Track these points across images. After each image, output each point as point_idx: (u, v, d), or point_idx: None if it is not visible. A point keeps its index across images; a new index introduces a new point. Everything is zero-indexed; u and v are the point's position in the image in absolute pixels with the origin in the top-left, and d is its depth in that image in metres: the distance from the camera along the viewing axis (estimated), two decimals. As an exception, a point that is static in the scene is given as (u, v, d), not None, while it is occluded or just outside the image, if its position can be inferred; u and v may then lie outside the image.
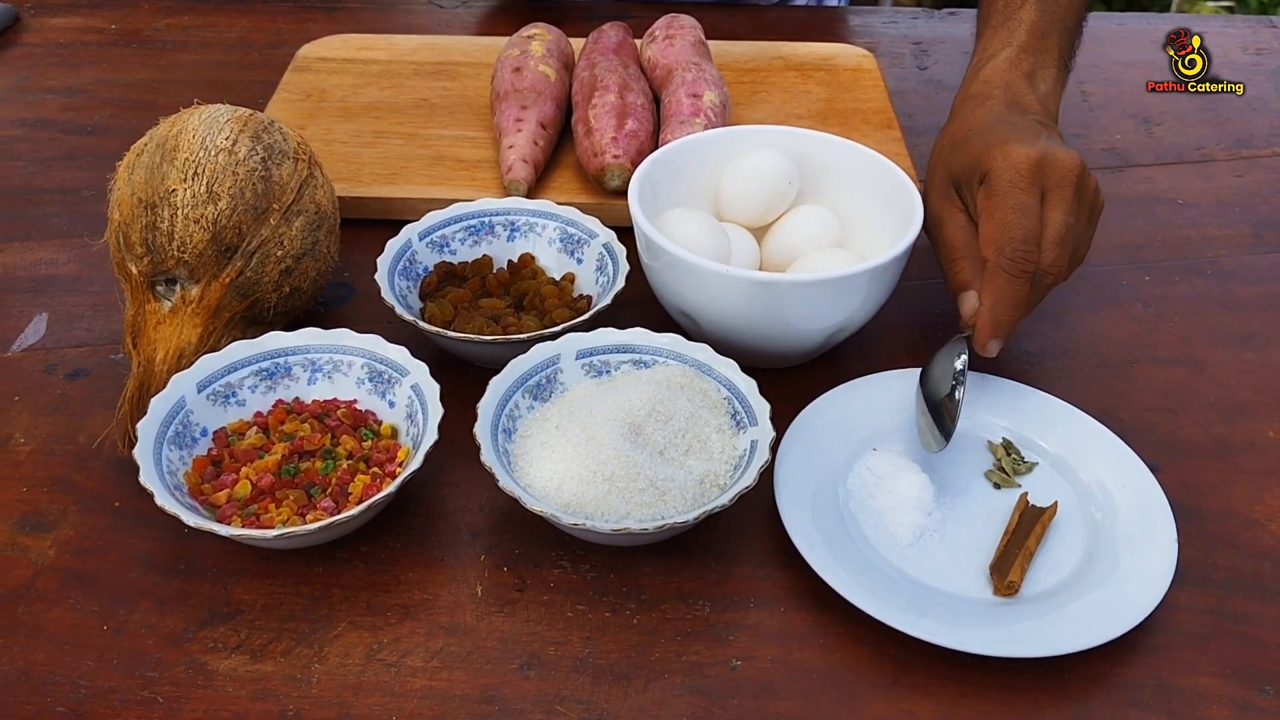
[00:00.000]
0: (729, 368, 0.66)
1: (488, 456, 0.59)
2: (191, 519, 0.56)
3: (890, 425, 0.68)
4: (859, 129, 0.94)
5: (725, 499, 0.58)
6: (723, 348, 0.67)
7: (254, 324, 0.70)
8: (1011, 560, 0.60)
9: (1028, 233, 0.64)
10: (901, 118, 0.97)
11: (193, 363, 0.66)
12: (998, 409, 0.69)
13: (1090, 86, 1.08)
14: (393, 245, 0.75)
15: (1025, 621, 0.58)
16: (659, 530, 0.57)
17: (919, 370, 0.71)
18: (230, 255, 0.68)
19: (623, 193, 0.84)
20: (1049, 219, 0.65)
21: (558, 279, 0.77)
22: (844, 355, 0.75)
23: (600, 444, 0.60)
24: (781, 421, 0.65)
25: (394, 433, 0.66)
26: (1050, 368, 0.75)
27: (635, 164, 0.83)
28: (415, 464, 0.59)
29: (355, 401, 0.67)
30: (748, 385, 0.64)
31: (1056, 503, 0.64)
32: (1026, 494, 0.64)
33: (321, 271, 0.72)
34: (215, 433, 0.65)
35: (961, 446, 0.68)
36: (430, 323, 0.71)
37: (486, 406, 0.63)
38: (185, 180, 0.67)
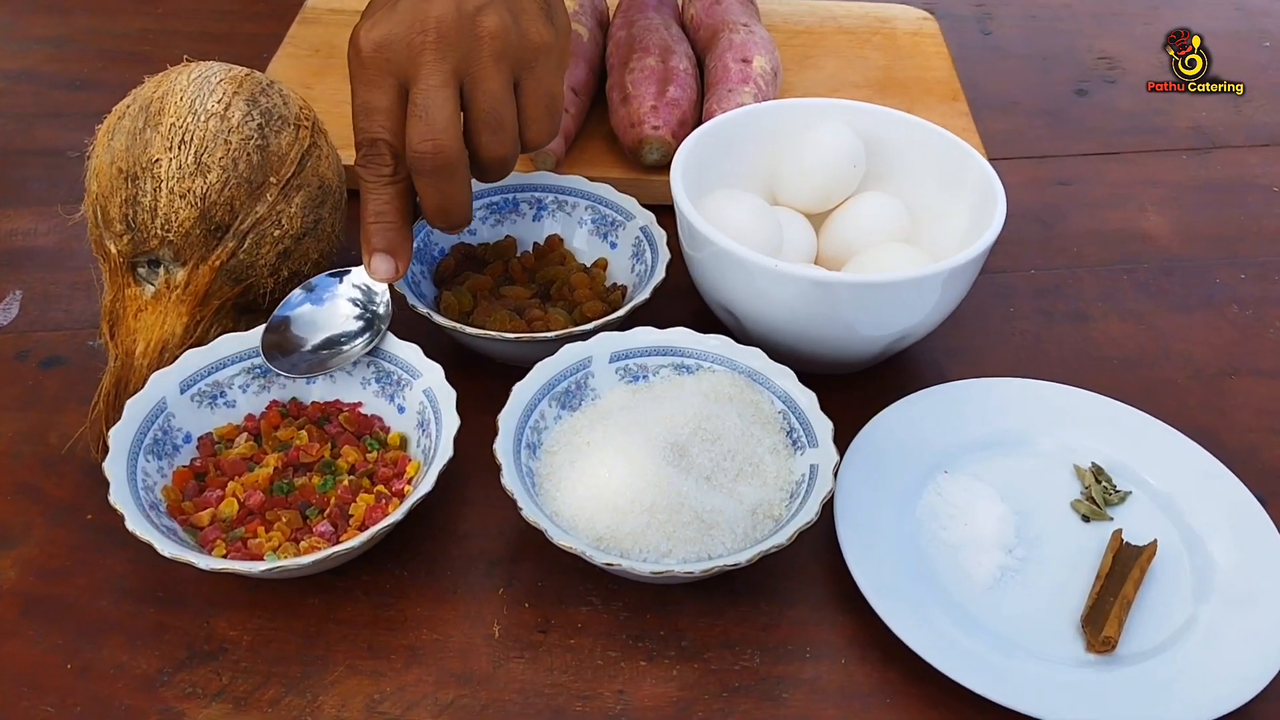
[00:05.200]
0: (785, 377, 0.58)
1: (509, 480, 0.52)
2: (167, 547, 0.49)
3: (964, 443, 0.60)
4: (921, 101, 0.85)
5: (783, 538, 0.50)
6: (770, 351, 0.60)
7: (247, 312, 0.62)
8: (1106, 611, 0.53)
9: (365, 135, 0.56)
10: (964, 88, 0.88)
11: (177, 357, 0.58)
12: (1085, 428, 0.61)
13: (1171, 57, 0.98)
14: (406, 226, 0.67)
15: (1123, 686, 0.50)
16: (706, 573, 0.49)
17: (995, 380, 0.63)
18: (221, 235, 0.60)
19: (661, 167, 0.76)
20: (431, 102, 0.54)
21: (588, 265, 0.69)
22: (909, 361, 0.67)
23: (639, 468, 0.52)
24: (839, 438, 0.56)
25: (403, 443, 0.58)
26: (1137, 379, 0.67)
27: (676, 136, 0.75)
28: (426, 486, 0.52)
29: (360, 405, 0.60)
30: (807, 400, 0.57)
31: (1155, 541, 0.56)
32: (1120, 531, 0.56)
33: (324, 253, 0.64)
34: (200, 439, 0.57)
35: (1045, 471, 0.60)
36: (446, 314, 0.64)
37: (508, 418, 0.55)
38: (170, 149, 0.59)
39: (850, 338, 0.61)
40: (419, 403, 0.57)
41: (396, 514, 0.51)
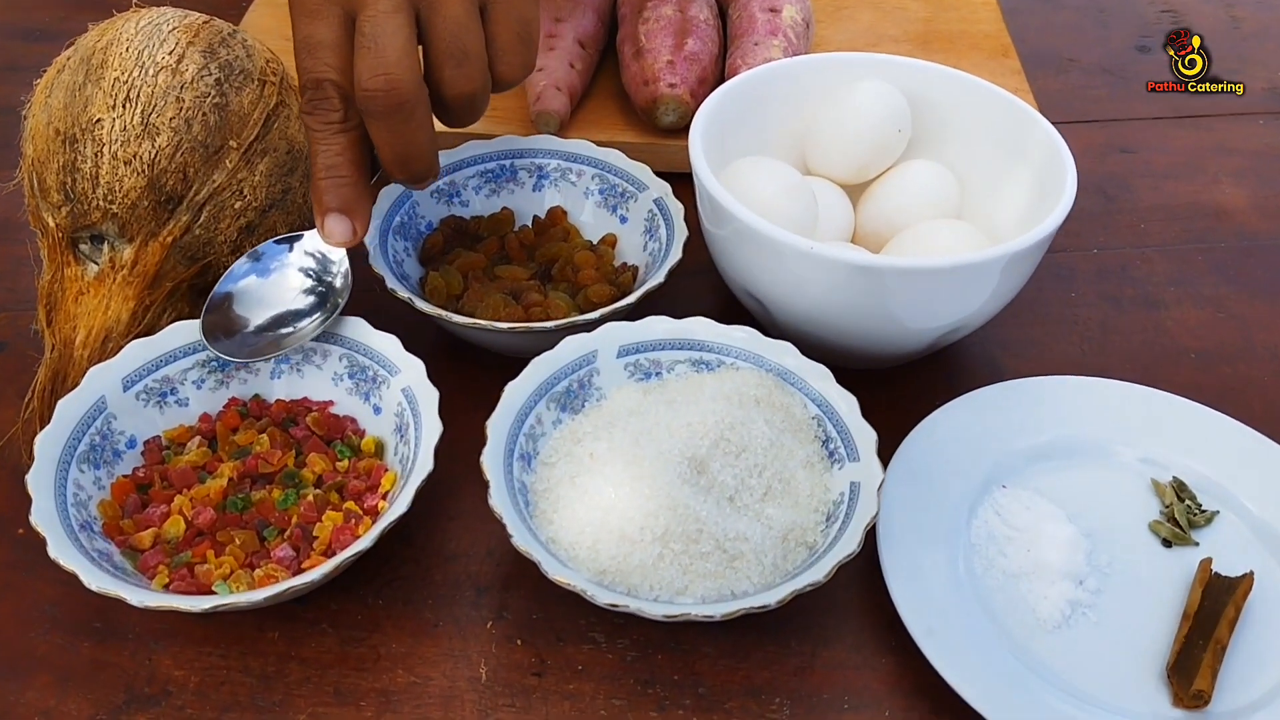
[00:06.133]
0: (820, 377, 0.50)
1: (498, 501, 0.44)
2: (95, 578, 0.42)
3: (1023, 452, 0.53)
4: (968, 57, 0.77)
5: (819, 574, 0.42)
6: (801, 343, 0.52)
7: (205, 295, 0.55)
8: (1197, 658, 0.45)
9: (309, 76, 0.48)
10: (1015, 43, 0.80)
11: (122, 347, 0.51)
12: (1163, 435, 0.54)
13: (1242, 10, 0.89)
14: (388, 194, 0.59)
15: (1219, 748, 0.43)
16: (729, 616, 0.42)
17: (1057, 378, 0.55)
18: (173, 207, 0.52)
19: (678, 130, 0.67)
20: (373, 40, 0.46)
21: (595, 242, 0.61)
22: (958, 355, 0.59)
23: (650, 488, 0.44)
24: (880, 447, 0.49)
25: (378, 449, 0.50)
26: (1218, 376, 0.59)
27: (695, 95, 0.66)
28: (401, 507, 0.44)
29: (331, 404, 0.52)
30: (847, 405, 0.49)
31: (1251, 574, 0.48)
32: (1210, 560, 0.49)
33: (294, 228, 0.56)
34: (146, 443, 0.50)
35: (1118, 486, 0.52)
36: (432, 298, 0.56)
37: (499, 425, 0.47)
38: (114, 107, 0.51)
39: (895, 330, 0.53)
40: (397, 403, 0.50)
41: (364, 540, 0.43)
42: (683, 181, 0.59)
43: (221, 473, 0.48)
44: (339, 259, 0.52)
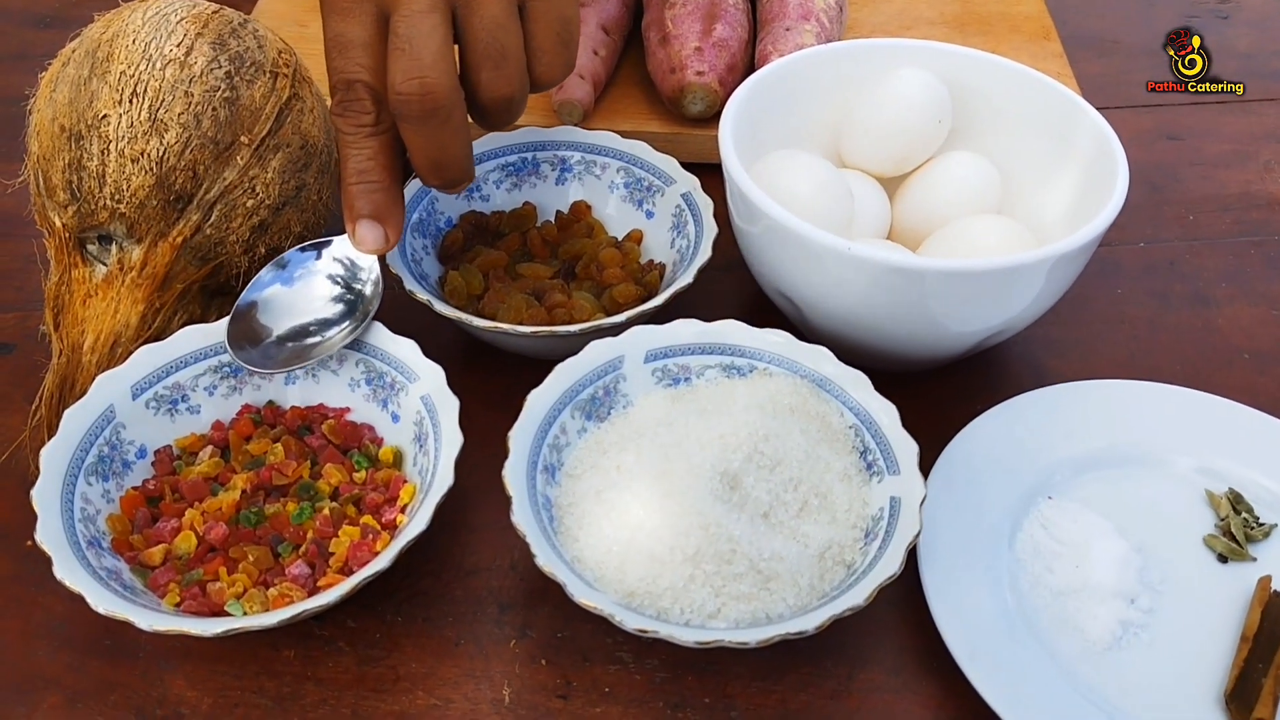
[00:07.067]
0: (858, 384, 0.48)
1: (522, 517, 0.42)
2: (102, 600, 0.40)
3: (1070, 461, 0.50)
4: (1007, 40, 0.74)
5: (859, 597, 0.40)
6: (837, 346, 0.49)
7: (218, 296, 0.53)
8: (1257, 684, 0.43)
9: (339, 77, 0.46)
10: (1056, 25, 0.76)
11: (133, 352, 0.49)
12: (1217, 443, 0.51)
13: (1291, -11, 0.86)
14: (405, 190, 0.57)
15: (1282, 782, 0.41)
16: (764, 643, 0.40)
17: (1105, 383, 0.53)
18: (182, 206, 0.50)
19: (707, 120, 0.65)
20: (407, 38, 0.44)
21: (620, 239, 0.59)
22: (999, 357, 0.57)
23: (681, 505, 0.42)
24: (919, 453, 0.46)
25: (397, 459, 0.49)
26: (1274, 378, 0.57)
27: (724, 84, 0.64)
28: (419, 524, 0.43)
29: (348, 410, 0.50)
30: (888, 416, 0.46)
31: (1313, 593, 0.46)
32: (1269, 578, 0.46)
33: (309, 226, 0.55)
34: (157, 453, 0.48)
35: (1171, 498, 0.50)
36: (452, 298, 0.54)
37: (521, 436, 0.45)
38: (120, 102, 0.49)
39: (935, 333, 0.50)
40: (416, 412, 0.48)
41: (382, 560, 0.42)
42: (710, 173, 0.57)
43: (234, 484, 0.46)
44: (369, 265, 0.50)
